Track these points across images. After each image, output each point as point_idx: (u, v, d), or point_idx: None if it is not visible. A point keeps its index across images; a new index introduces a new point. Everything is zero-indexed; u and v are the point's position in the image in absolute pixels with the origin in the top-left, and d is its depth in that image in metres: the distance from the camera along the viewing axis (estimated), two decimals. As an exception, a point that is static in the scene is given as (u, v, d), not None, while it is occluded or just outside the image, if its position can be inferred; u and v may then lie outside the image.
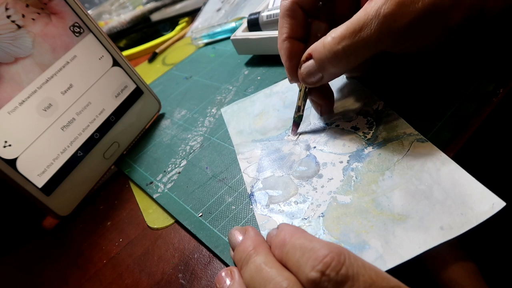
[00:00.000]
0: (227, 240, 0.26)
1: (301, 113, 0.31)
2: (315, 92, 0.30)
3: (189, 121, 0.41)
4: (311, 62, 0.27)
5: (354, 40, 0.24)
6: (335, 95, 0.33)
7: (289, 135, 0.32)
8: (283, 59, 0.29)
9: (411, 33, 0.23)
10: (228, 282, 0.22)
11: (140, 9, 0.78)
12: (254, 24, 0.44)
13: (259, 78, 0.42)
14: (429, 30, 0.23)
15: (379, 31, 0.23)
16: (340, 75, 0.28)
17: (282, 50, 0.29)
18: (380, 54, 0.25)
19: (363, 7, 0.23)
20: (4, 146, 0.31)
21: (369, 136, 0.28)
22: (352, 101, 0.32)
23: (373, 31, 0.23)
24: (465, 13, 0.22)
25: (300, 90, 0.31)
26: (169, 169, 0.36)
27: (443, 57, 0.29)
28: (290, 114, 0.34)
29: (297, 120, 0.31)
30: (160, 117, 0.45)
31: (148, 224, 0.32)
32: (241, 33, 0.45)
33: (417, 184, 0.23)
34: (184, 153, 0.37)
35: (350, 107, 0.31)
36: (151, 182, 0.35)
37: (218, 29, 0.56)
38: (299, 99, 0.31)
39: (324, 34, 0.26)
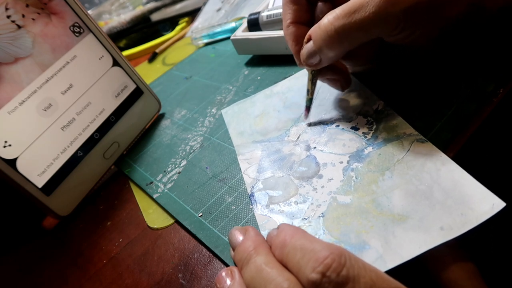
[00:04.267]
0: (227, 240, 0.26)
1: (311, 97, 0.31)
2: (326, 70, 0.30)
3: (189, 121, 0.41)
4: (310, 43, 0.27)
5: (347, 21, 0.23)
6: (335, 94, 0.33)
7: (289, 136, 0.32)
8: (289, 43, 0.29)
9: (409, 20, 0.23)
10: (228, 282, 0.22)
11: (140, 9, 0.78)
12: (254, 24, 0.44)
13: (259, 78, 0.42)
14: (427, 19, 0.23)
15: (375, 14, 0.22)
16: (338, 58, 0.28)
17: (287, 35, 0.29)
18: (382, 49, 0.25)
19: None
20: (4, 146, 0.31)
21: (369, 136, 0.28)
22: (352, 101, 0.32)
23: (368, 14, 0.23)
24: (463, 9, 0.22)
25: (308, 74, 0.30)
26: (169, 169, 0.36)
27: (443, 56, 0.29)
28: (290, 114, 0.34)
29: (308, 104, 0.31)
30: (160, 117, 0.45)
31: (148, 224, 0.32)
32: (241, 33, 0.45)
33: (417, 184, 0.23)
34: (184, 153, 0.37)
35: (350, 107, 0.31)
36: (151, 182, 0.35)
37: (218, 29, 0.56)
38: (308, 81, 0.31)
39: None
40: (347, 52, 0.26)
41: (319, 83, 0.32)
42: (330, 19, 0.24)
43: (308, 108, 0.32)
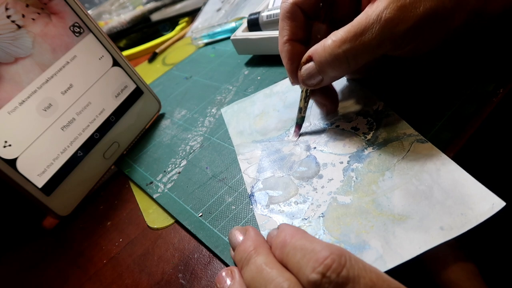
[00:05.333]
0: (227, 240, 0.26)
1: (303, 115, 0.31)
2: (318, 92, 0.30)
3: (189, 121, 0.41)
4: (311, 64, 0.26)
5: (355, 44, 0.24)
6: (335, 95, 0.33)
7: (289, 136, 0.32)
8: (284, 61, 0.29)
9: (412, 37, 0.23)
10: (228, 282, 0.22)
11: (140, 9, 0.78)
12: (254, 24, 0.44)
13: (259, 78, 0.42)
14: (430, 34, 0.23)
15: (380, 36, 0.23)
16: (340, 77, 0.28)
17: (283, 52, 0.29)
18: (381, 58, 0.25)
19: (364, 10, 0.23)
20: (4, 146, 0.31)
21: (369, 137, 0.28)
22: (352, 102, 0.32)
23: (374, 35, 0.23)
24: (465, 17, 0.22)
25: (302, 92, 0.30)
26: (169, 169, 0.36)
27: (443, 58, 0.29)
28: (290, 114, 0.34)
29: (299, 122, 0.31)
30: (160, 117, 0.45)
31: (148, 224, 0.32)
32: (241, 33, 0.45)
33: (417, 184, 0.23)
34: (184, 153, 0.37)
35: (350, 108, 0.31)
36: (151, 182, 0.35)
37: (218, 29, 0.56)
38: (301, 100, 0.30)
39: (324, 35, 0.26)
40: None
41: None
42: (335, 41, 0.24)
43: (299, 126, 0.31)
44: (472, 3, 0.22)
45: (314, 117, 0.32)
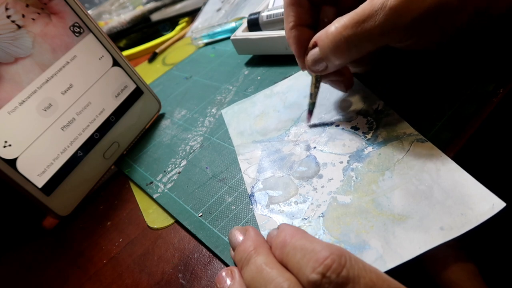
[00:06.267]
0: (227, 240, 0.26)
1: (314, 101, 0.31)
2: (331, 72, 0.29)
3: (189, 121, 0.41)
4: (316, 50, 0.26)
5: (356, 31, 0.23)
6: (335, 94, 0.33)
7: (289, 136, 0.32)
8: (293, 47, 0.29)
9: (416, 29, 0.22)
10: (228, 282, 0.22)
11: (140, 9, 0.78)
12: (254, 24, 0.44)
13: (259, 78, 0.42)
14: (435, 27, 0.23)
15: (383, 24, 0.22)
16: (344, 65, 0.28)
17: (290, 38, 0.29)
18: (383, 51, 0.25)
19: None
20: (4, 146, 0.31)
21: (369, 136, 0.28)
22: (352, 101, 0.32)
23: (377, 24, 0.22)
24: (470, 13, 0.22)
25: (312, 77, 0.30)
26: (169, 169, 0.36)
27: (444, 57, 0.29)
28: (290, 115, 0.34)
29: (311, 108, 0.31)
30: (160, 117, 0.45)
31: (148, 224, 0.32)
32: (241, 33, 0.45)
33: (417, 184, 0.23)
34: (184, 153, 0.37)
35: (350, 107, 0.31)
36: (151, 182, 0.35)
37: (218, 29, 0.56)
38: (311, 86, 0.30)
39: (332, 20, 0.25)
40: None
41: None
42: (338, 27, 0.24)
43: (311, 112, 0.32)
44: (476, 2, 0.22)
45: (314, 117, 0.32)
